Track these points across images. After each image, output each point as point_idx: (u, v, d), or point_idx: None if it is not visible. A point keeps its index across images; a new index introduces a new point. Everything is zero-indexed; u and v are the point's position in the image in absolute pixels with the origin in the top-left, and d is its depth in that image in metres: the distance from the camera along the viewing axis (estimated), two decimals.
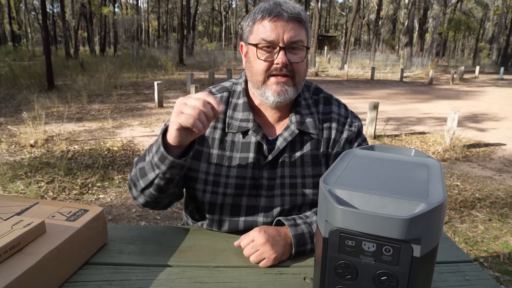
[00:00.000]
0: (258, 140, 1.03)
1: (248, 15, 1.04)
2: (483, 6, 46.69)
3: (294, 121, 1.04)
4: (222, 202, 1.03)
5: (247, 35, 1.03)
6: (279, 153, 1.03)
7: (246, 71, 1.06)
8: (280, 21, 0.96)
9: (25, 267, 0.71)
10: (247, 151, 1.03)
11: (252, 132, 1.02)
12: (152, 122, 6.99)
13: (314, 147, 1.06)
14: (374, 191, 0.61)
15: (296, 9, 0.97)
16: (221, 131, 1.04)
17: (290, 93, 1.00)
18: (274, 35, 0.96)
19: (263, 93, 1.00)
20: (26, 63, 14.32)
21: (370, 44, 42.84)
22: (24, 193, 3.54)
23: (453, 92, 14.02)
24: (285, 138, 1.03)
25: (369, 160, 0.79)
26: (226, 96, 1.08)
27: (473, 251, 2.81)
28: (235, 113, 1.05)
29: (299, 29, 0.98)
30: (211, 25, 66.68)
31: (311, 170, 1.06)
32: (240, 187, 1.03)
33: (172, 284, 0.83)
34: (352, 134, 1.09)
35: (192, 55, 27.09)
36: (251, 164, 1.03)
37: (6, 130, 5.93)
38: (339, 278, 0.64)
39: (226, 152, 1.04)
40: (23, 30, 42.04)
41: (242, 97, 1.07)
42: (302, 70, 1.01)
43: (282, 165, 1.04)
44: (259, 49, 0.98)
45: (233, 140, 1.04)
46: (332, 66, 24.41)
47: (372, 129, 6.19)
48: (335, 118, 1.09)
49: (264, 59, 0.98)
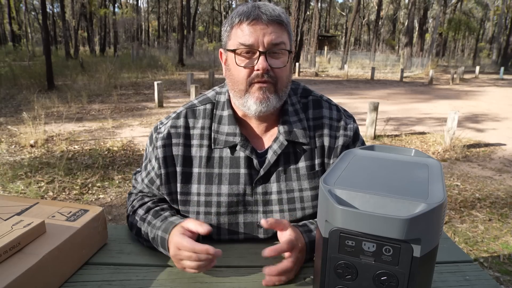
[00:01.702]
0: (247, 155, 0.98)
1: (226, 20, 0.98)
2: (483, 6, 46.69)
3: (282, 132, 0.99)
4: (217, 222, 0.99)
5: (225, 41, 0.97)
6: (271, 167, 0.99)
7: (227, 80, 0.99)
8: (259, 24, 0.90)
9: (25, 267, 0.71)
10: (237, 167, 0.98)
11: (240, 147, 0.97)
12: (152, 122, 6.99)
13: (308, 158, 1.01)
14: (374, 191, 0.61)
15: (276, 11, 0.92)
16: (207, 148, 0.99)
17: (273, 101, 0.94)
18: (252, 39, 0.90)
19: (245, 103, 0.94)
20: (26, 63, 14.32)
21: (370, 44, 42.84)
22: (24, 193, 3.54)
23: (453, 92, 14.03)
24: (275, 151, 0.98)
25: (369, 160, 0.79)
26: (209, 109, 1.02)
27: (473, 251, 2.81)
28: (221, 127, 1.00)
29: (280, 31, 0.92)
30: (211, 25, 66.65)
31: (308, 183, 1.00)
32: (234, 205, 0.98)
33: (172, 284, 0.83)
34: (348, 140, 1.03)
35: (192, 55, 27.10)
36: (242, 180, 0.98)
37: (6, 130, 5.93)
38: (339, 278, 0.64)
39: (214, 169, 0.98)
40: (23, 30, 42.06)
41: (227, 109, 1.01)
42: (284, 75, 0.95)
43: (278, 179, 0.99)
44: (237, 55, 0.92)
45: (221, 156, 0.99)
46: (332, 66, 24.42)
47: (372, 129, 6.19)
48: (327, 124, 1.03)
49: (243, 65, 0.92)
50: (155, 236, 0.93)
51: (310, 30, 31.25)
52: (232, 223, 0.99)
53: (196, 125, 1.01)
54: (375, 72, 19.04)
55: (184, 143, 1.00)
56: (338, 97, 10.91)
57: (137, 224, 0.99)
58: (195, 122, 1.01)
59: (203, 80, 13.16)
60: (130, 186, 3.83)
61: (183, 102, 9.25)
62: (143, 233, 0.97)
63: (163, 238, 0.90)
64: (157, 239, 0.92)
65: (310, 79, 16.59)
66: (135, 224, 1.00)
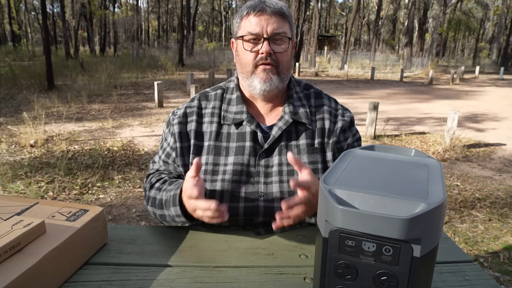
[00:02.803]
0: (253, 130, 1.08)
1: (237, 13, 1.13)
2: (483, 6, 46.70)
3: (287, 111, 1.10)
4: (221, 189, 1.06)
5: (236, 30, 1.12)
6: (274, 142, 1.09)
7: (236, 64, 1.14)
8: (264, 15, 1.05)
9: (25, 267, 0.71)
10: (243, 141, 1.08)
11: (246, 122, 1.08)
12: (152, 122, 6.99)
13: (309, 137, 1.11)
14: (374, 191, 0.61)
15: (278, 4, 1.07)
16: (217, 124, 1.11)
17: (275, 81, 1.07)
18: (258, 28, 1.04)
19: (251, 83, 1.08)
20: (26, 63, 14.32)
21: (370, 44, 42.86)
22: (24, 193, 3.55)
23: (453, 92, 14.03)
24: (280, 127, 1.09)
25: (369, 160, 0.79)
26: (220, 93, 1.16)
27: (473, 251, 2.81)
28: (229, 107, 1.12)
29: (282, 22, 1.07)
30: (211, 25, 66.69)
31: (307, 158, 1.09)
32: (238, 174, 1.06)
33: (172, 284, 0.83)
34: (345, 124, 1.15)
35: (192, 55, 27.10)
36: (247, 152, 1.07)
37: (6, 130, 5.93)
38: (339, 278, 0.64)
39: (223, 143, 1.09)
40: (23, 30, 42.04)
41: (236, 92, 1.14)
42: (285, 60, 1.08)
43: (279, 153, 1.08)
44: (245, 42, 1.07)
45: (228, 132, 1.10)
46: (332, 66, 24.42)
47: (372, 129, 6.19)
48: (327, 110, 1.15)
49: (250, 49, 1.06)
50: (168, 198, 1.02)
51: (310, 30, 31.23)
52: (235, 191, 1.07)
53: (208, 106, 1.14)
54: (375, 72, 19.05)
55: (197, 120, 1.12)
56: (338, 97, 10.88)
57: (153, 194, 1.09)
58: (207, 104, 1.15)
59: (203, 80, 13.16)
60: (130, 186, 3.83)
61: (183, 102, 9.22)
62: (157, 201, 1.06)
63: (175, 195, 0.99)
64: (169, 200, 1.01)
65: (310, 79, 16.58)
66: (151, 196, 1.09)
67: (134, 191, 3.74)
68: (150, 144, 5.41)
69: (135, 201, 3.51)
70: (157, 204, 1.06)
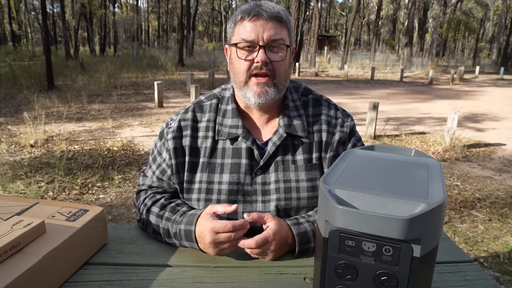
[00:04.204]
0: (248, 146, 1.02)
1: (230, 18, 1.05)
2: (483, 6, 46.69)
3: (282, 125, 1.04)
4: None
5: (229, 37, 1.04)
6: (270, 158, 1.03)
7: (230, 73, 1.06)
8: (259, 21, 0.96)
9: (25, 267, 0.71)
10: (238, 157, 1.03)
11: (242, 138, 1.02)
12: (152, 122, 6.99)
13: (306, 151, 1.05)
14: (374, 191, 0.61)
15: (275, 9, 0.98)
16: (212, 139, 1.05)
17: (271, 94, 1.00)
18: (253, 34, 0.96)
19: (245, 94, 1.01)
20: (26, 63, 14.31)
21: (370, 44, 42.86)
22: (24, 193, 3.54)
23: (453, 92, 14.03)
24: (274, 142, 1.03)
25: (369, 160, 0.79)
26: (215, 103, 1.09)
27: (473, 251, 2.80)
28: (225, 120, 1.05)
29: (280, 28, 0.98)
30: (211, 25, 66.66)
31: (305, 175, 1.04)
32: (234, 193, 1.01)
33: (172, 284, 0.83)
34: (344, 135, 1.08)
35: (192, 55, 27.09)
36: (243, 170, 1.02)
37: (6, 130, 5.93)
38: (339, 278, 0.64)
39: (217, 159, 1.04)
40: (23, 30, 42.05)
41: (231, 103, 1.07)
42: (282, 69, 1.00)
43: (276, 169, 1.03)
44: (239, 49, 0.99)
45: (223, 147, 1.04)
46: (332, 66, 24.41)
47: (372, 129, 6.19)
48: (325, 120, 1.08)
49: (244, 58, 0.98)
50: (177, 231, 0.96)
51: (310, 30, 31.24)
52: (232, 212, 1.02)
53: (203, 119, 1.07)
54: (375, 72, 19.04)
55: (191, 135, 1.06)
56: (338, 97, 10.91)
57: (154, 221, 1.02)
58: (202, 116, 1.08)
59: (203, 80, 13.16)
60: (130, 186, 3.83)
61: (183, 102, 9.26)
62: (162, 231, 1.00)
63: (188, 231, 0.94)
64: (180, 233, 0.95)
65: (310, 79, 16.58)
66: (151, 222, 1.03)
67: (134, 191, 3.74)
68: (150, 144, 5.41)
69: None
70: (162, 233, 1.00)
